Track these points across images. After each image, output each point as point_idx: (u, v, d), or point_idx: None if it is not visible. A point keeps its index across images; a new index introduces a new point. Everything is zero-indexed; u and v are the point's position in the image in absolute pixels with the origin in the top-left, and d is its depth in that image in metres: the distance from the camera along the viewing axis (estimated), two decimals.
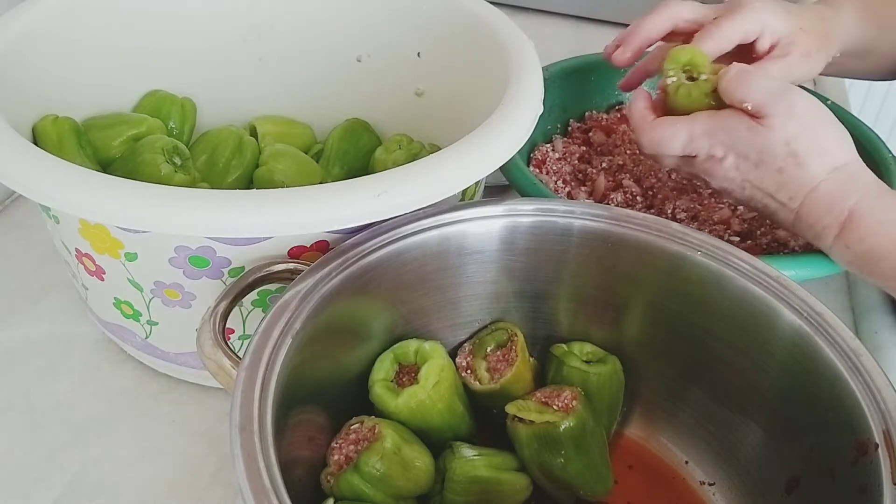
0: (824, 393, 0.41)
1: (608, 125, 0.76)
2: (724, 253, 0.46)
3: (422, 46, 0.65)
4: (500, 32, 0.59)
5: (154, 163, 0.55)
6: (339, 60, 0.68)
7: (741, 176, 0.53)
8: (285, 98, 0.69)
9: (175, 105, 0.64)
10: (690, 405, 0.49)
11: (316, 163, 0.65)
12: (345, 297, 0.42)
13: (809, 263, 0.56)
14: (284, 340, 0.38)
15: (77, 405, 0.55)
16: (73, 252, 0.50)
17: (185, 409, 0.55)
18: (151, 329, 0.51)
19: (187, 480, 0.51)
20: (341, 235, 0.46)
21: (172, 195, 0.42)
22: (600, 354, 0.50)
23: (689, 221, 0.65)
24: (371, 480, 0.41)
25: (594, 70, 0.77)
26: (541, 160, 0.71)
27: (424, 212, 0.45)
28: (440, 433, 0.46)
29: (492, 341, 0.49)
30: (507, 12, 0.61)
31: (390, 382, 0.46)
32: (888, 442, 0.37)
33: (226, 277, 0.47)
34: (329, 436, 0.44)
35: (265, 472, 0.32)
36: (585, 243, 0.48)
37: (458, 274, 0.48)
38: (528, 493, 0.46)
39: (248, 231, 0.42)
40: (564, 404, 0.45)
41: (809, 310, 0.43)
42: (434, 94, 0.66)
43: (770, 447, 0.45)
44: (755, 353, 0.45)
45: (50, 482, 0.50)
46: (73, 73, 0.58)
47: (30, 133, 0.54)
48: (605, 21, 1.07)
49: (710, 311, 0.46)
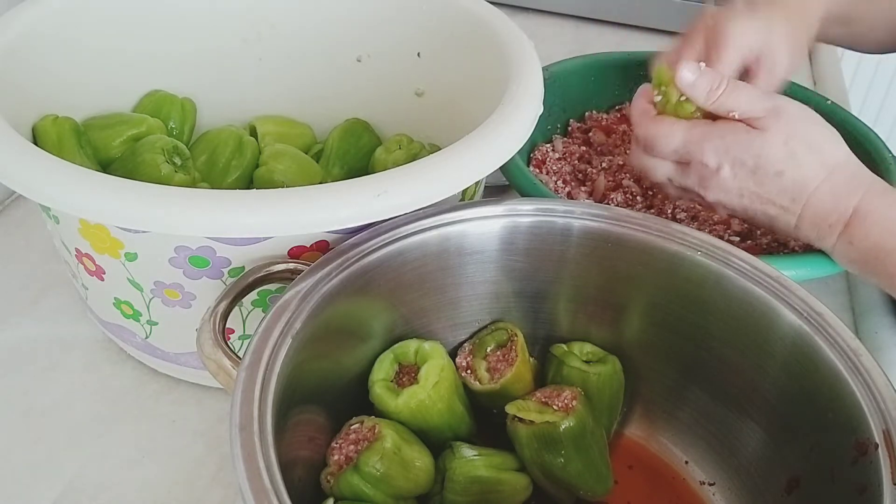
0: (824, 393, 0.41)
1: (608, 125, 0.76)
2: (724, 253, 0.46)
3: (422, 46, 0.65)
4: (500, 32, 0.59)
5: (154, 163, 0.55)
6: (339, 60, 0.68)
7: (738, 184, 0.53)
8: (285, 98, 0.69)
9: (175, 105, 0.64)
10: (690, 405, 0.49)
11: (316, 163, 0.65)
12: (345, 297, 0.42)
13: (809, 263, 0.56)
14: (284, 340, 0.38)
15: (77, 405, 0.55)
16: (73, 252, 0.50)
17: (185, 409, 0.55)
18: (151, 329, 0.51)
19: (187, 480, 0.51)
20: (341, 235, 0.46)
21: (172, 195, 0.42)
22: (600, 354, 0.50)
23: (689, 221, 0.65)
24: (371, 480, 0.41)
25: (594, 70, 0.77)
26: (541, 160, 0.71)
27: (424, 212, 0.45)
28: (440, 433, 0.46)
29: (492, 341, 0.49)
30: (507, 12, 0.61)
31: (390, 382, 0.46)
32: (888, 442, 0.37)
33: (226, 277, 0.47)
34: (329, 436, 0.44)
35: (265, 472, 0.32)
36: (585, 243, 0.48)
37: (458, 274, 0.48)
38: (528, 493, 0.46)
39: (248, 231, 0.42)
40: (564, 404, 0.45)
41: (809, 310, 0.43)
42: (434, 94, 0.66)
43: (770, 447, 0.45)
44: (755, 353, 0.45)
45: (50, 482, 0.50)
46: (73, 73, 0.58)
47: (30, 133, 0.54)
48: (605, 21, 1.07)
49: (710, 311, 0.46)
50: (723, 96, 0.52)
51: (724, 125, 0.52)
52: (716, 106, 0.52)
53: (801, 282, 0.45)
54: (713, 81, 0.52)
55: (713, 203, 0.55)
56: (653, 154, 0.55)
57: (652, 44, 1.03)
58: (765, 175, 0.52)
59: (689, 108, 0.54)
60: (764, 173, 0.52)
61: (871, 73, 1.62)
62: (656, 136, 0.54)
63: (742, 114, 0.52)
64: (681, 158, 0.54)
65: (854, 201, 0.51)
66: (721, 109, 0.52)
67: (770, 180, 0.52)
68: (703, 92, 0.52)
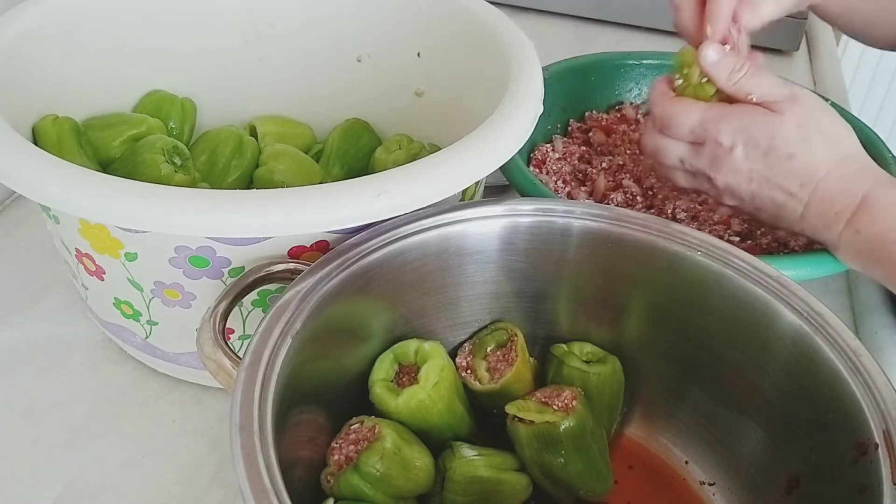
0: (824, 393, 0.41)
1: (608, 125, 0.76)
2: (723, 253, 0.46)
3: (422, 46, 0.65)
4: (500, 32, 0.59)
5: (154, 163, 0.55)
6: (339, 60, 0.68)
7: (749, 166, 0.53)
8: (285, 98, 0.69)
9: (175, 105, 0.64)
10: (690, 405, 0.49)
11: (316, 163, 0.65)
12: (345, 297, 0.42)
13: (809, 263, 0.56)
14: (284, 340, 0.38)
15: (77, 405, 0.55)
16: (73, 252, 0.50)
17: (185, 409, 0.55)
18: (151, 329, 0.51)
19: (187, 480, 0.51)
20: (341, 235, 0.46)
21: (172, 195, 0.42)
22: (600, 354, 0.50)
23: (689, 221, 0.65)
24: (371, 480, 0.41)
25: (594, 70, 0.77)
26: (541, 160, 0.71)
27: (424, 212, 0.45)
28: (440, 433, 0.46)
29: (492, 341, 0.49)
30: (507, 12, 0.61)
31: (390, 382, 0.46)
32: (888, 442, 0.37)
33: (226, 277, 0.47)
34: (329, 436, 0.44)
35: (265, 472, 0.32)
36: (585, 243, 0.48)
37: (458, 274, 0.48)
38: (528, 493, 0.46)
39: (248, 231, 0.42)
40: (564, 404, 0.45)
41: (809, 310, 0.43)
42: (434, 94, 0.66)
43: (770, 447, 0.45)
44: (755, 353, 0.45)
45: (50, 482, 0.50)
46: (73, 73, 0.58)
47: (30, 133, 0.54)
48: (605, 21, 1.07)
49: (710, 311, 0.46)
50: (743, 79, 0.53)
51: (742, 106, 0.53)
52: (736, 88, 0.53)
53: (801, 282, 0.45)
54: (736, 63, 0.53)
55: (722, 188, 0.55)
56: (668, 134, 0.56)
57: (652, 44, 1.03)
58: (776, 157, 0.52)
59: (709, 90, 0.55)
60: (776, 156, 0.52)
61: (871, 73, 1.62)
62: (674, 114, 0.55)
63: (760, 97, 0.53)
64: (696, 138, 0.55)
65: (863, 189, 0.52)
66: (740, 92, 0.53)
67: (781, 163, 0.53)
68: (725, 72, 0.53)
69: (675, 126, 0.55)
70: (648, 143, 0.57)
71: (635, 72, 0.79)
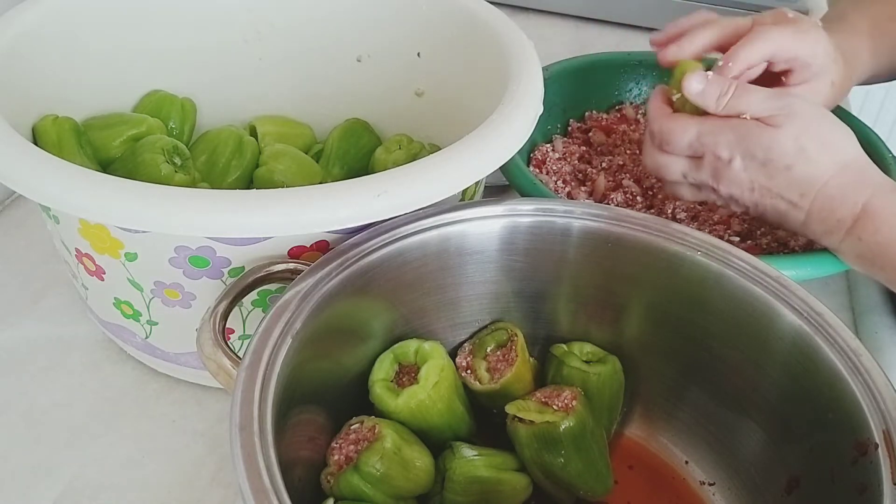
0: (824, 393, 0.41)
1: (608, 125, 0.76)
2: (723, 253, 0.46)
3: (422, 46, 0.65)
4: (500, 32, 0.59)
5: (154, 163, 0.55)
6: (339, 60, 0.68)
7: (749, 177, 0.53)
8: (285, 98, 0.69)
9: (175, 105, 0.64)
10: (690, 405, 0.49)
11: (316, 163, 0.65)
12: (345, 297, 0.42)
13: (809, 263, 0.56)
14: (284, 340, 0.38)
15: (77, 405, 0.55)
16: (73, 252, 0.50)
17: (185, 409, 0.55)
18: (151, 329, 0.51)
19: (187, 480, 0.51)
20: (341, 235, 0.46)
21: (172, 195, 0.42)
22: (600, 354, 0.50)
23: (689, 221, 0.65)
24: (371, 480, 0.41)
25: (594, 70, 0.77)
26: (541, 160, 0.71)
27: (424, 212, 0.45)
28: (440, 433, 0.46)
29: (492, 341, 0.49)
30: (507, 12, 0.61)
31: (390, 382, 0.46)
32: (888, 442, 0.37)
33: (226, 277, 0.47)
34: (329, 436, 0.44)
35: (265, 472, 0.32)
36: (585, 243, 0.48)
37: (458, 274, 0.48)
38: (528, 493, 0.46)
39: (248, 231, 0.42)
40: (564, 404, 0.45)
41: (809, 310, 0.43)
42: (434, 94, 0.66)
43: (770, 447, 0.45)
44: (755, 353, 0.45)
45: (50, 482, 0.50)
46: (73, 73, 0.58)
47: (30, 133, 0.54)
48: (605, 21, 1.07)
49: (710, 311, 0.46)
50: (732, 100, 0.53)
51: (737, 120, 0.53)
52: (727, 110, 0.53)
53: (801, 282, 0.45)
54: (721, 87, 0.53)
55: (727, 198, 0.56)
56: (668, 150, 0.56)
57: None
58: (774, 169, 0.52)
59: None
60: (774, 167, 0.52)
61: None
62: (672, 130, 0.55)
63: (753, 114, 0.53)
64: (695, 152, 0.55)
65: (863, 198, 0.52)
66: (732, 113, 0.53)
67: (779, 174, 0.52)
68: (712, 99, 0.53)
69: (674, 142, 0.55)
70: (650, 161, 0.57)
71: (635, 72, 0.79)
